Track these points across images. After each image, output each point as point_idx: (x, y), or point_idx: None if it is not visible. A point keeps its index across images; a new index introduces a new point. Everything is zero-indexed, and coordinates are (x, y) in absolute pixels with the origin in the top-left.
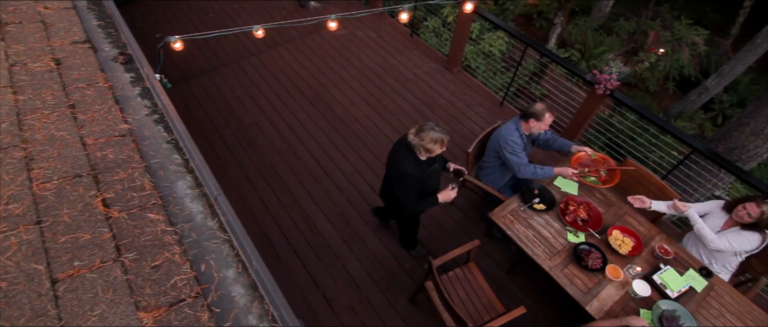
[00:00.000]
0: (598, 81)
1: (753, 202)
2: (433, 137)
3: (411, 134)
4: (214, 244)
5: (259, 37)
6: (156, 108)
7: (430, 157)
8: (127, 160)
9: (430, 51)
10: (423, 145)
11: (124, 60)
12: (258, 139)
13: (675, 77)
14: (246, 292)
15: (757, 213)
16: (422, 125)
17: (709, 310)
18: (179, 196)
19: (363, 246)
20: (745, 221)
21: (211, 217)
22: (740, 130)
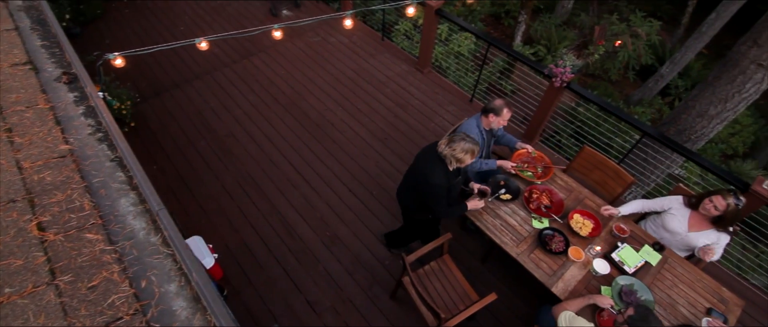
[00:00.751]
0: (554, 74)
1: (719, 195)
2: (465, 147)
3: (442, 144)
4: (157, 260)
5: (202, 49)
6: (100, 126)
7: (457, 169)
8: (66, 182)
9: (401, 53)
10: (454, 156)
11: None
12: (234, 149)
13: (634, 66)
14: (188, 304)
15: (723, 206)
16: (453, 136)
17: (664, 282)
18: (121, 214)
19: (343, 247)
20: (712, 214)
21: (154, 232)
22: (688, 112)
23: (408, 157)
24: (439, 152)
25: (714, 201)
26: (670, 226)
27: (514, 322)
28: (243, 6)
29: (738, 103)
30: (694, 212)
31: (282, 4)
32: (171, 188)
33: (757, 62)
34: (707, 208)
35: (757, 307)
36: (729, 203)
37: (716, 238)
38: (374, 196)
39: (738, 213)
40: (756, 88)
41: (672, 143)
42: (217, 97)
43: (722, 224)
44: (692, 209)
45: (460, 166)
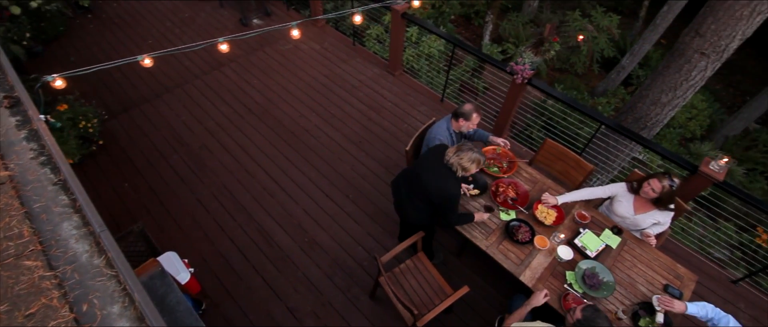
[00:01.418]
0: (515, 72)
1: (655, 178)
2: (472, 157)
3: (450, 153)
4: (100, 282)
5: (147, 66)
6: (43, 150)
7: (464, 176)
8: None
9: (373, 57)
10: (461, 164)
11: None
12: (208, 161)
13: (598, 59)
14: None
15: (659, 188)
16: (461, 146)
17: (624, 263)
18: (63, 238)
19: (321, 251)
20: (650, 197)
21: (97, 254)
22: (642, 101)
23: (382, 158)
24: (447, 160)
25: (651, 184)
26: (618, 211)
27: (490, 312)
28: (213, 17)
29: (686, 90)
30: (637, 196)
31: (252, 14)
32: (144, 205)
33: (700, 51)
34: (646, 191)
35: (714, 280)
36: (664, 185)
37: (662, 217)
38: (351, 200)
39: (672, 193)
40: (701, 76)
41: (627, 131)
42: (188, 110)
43: (662, 204)
44: (635, 194)
45: (465, 174)
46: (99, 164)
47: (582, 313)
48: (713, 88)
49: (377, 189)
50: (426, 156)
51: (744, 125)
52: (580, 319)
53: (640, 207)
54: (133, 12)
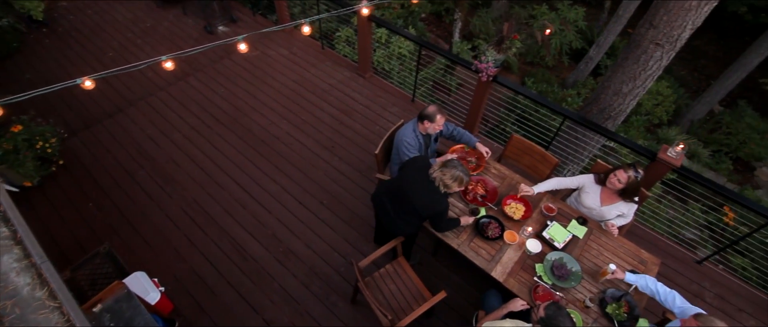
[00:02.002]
0: (480, 70)
1: (621, 170)
2: (454, 175)
3: (435, 167)
4: (42, 315)
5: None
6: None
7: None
8: None
9: (343, 60)
10: (443, 180)
11: None
12: (176, 175)
13: (567, 51)
14: None
15: (625, 178)
16: (448, 162)
17: (591, 252)
18: (3, 272)
19: (297, 260)
20: (617, 188)
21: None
22: (605, 92)
23: (356, 162)
24: (431, 174)
25: (617, 175)
26: (585, 202)
27: (469, 310)
28: (176, 26)
29: (645, 80)
30: (603, 188)
31: (217, 21)
32: (110, 225)
33: (655, 42)
34: (612, 183)
35: (680, 261)
36: (629, 176)
37: (626, 209)
38: (325, 206)
39: (637, 184)
40: (657, 65)
41: (588, 123)
42: (153, 123)
43: (627, 195)
44: (601, 185)
45: (447, 191)
46: (60, 185)
47: (545, 311)
48: (679, 73)
49: (352, 193)
50: (408, 171)
51: (708, 108)
52: (543, 317)
53: (607, 198)
54: (92, 24)
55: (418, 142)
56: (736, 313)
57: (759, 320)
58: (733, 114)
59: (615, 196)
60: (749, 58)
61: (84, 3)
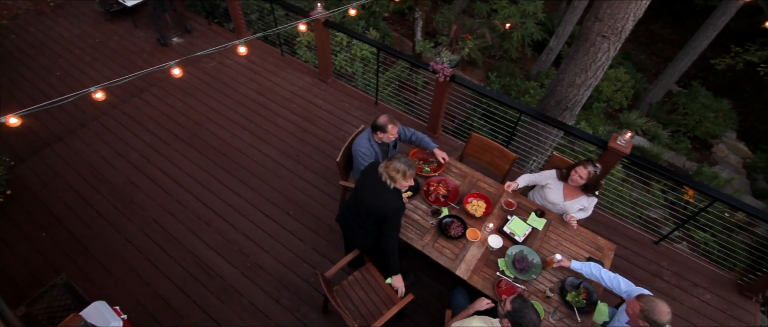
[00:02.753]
0: (436, 71)
1: (581, 166)
2: (396, 166)
3: (382, 166)
4: None
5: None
6: None
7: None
8: None
9: (304, 66)
10: (389, 174)
11: None
12: (135, 197)
13: (529, 43)
14: None
15: (585, 174)
16: (391, 157)
17: (550, 242)
18: None
19: (265, 274)
20: (579, 184)
21: None
22: (560, 84)
23: (321, 169)
24: (379, 173)
25: (578, 171)
26: (549, 197)
27: (441, 309)
28: (127, 40)
29: (596, 71)
30: (566, 184)
31: (171, 32)
32: (67, 254)
33: (601, 34)
34: (574, 179)
35: (638, 243)
36: (589, 171)
37: (587, 202)
38: (292, 216)
39: (597, 178)
40: (606, 56)
41: (544, 117)
42: (108, 144)
43: (589, 190)
44: (564, 181)
45: (395, 185)
46: (9, 216)
47: (511, 305)
48: (638, 58)
49: (318, 201)
50: (362, 178)
51: (664, 91)
52: (510, 311)
53: (570, 194)
54: (36, 43)
55: (374, 152)
56: (693, 288)
57: (714, 293)
58: (688, 95)
59: (577, 191)
60: (698, 41)
61: (26, 21)
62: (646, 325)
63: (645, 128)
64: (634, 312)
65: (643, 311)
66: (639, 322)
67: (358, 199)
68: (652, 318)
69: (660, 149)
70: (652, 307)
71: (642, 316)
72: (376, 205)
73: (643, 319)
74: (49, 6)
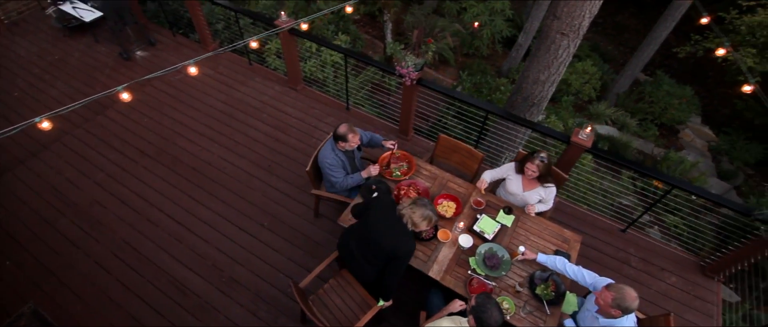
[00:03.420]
0: (402, 75)
1: (528, 160)
2: (424, 214)
3: (405, 203)
4: None
5: None
6: None
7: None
8: None
9: (273, 75)
10: (412, 219)
11: None
12: (103, 218)
13: (499, 40)
14: None
15: (535, 167)
16: (417, 200)
17: (519, 238)
18: None
19: (241, 288)
20: (533, 175)
21: None
22: (525, 81)
23: (294, 178)
24: (399, 211)
25: (529, 167)
26: (510, 189)
27: (416, 306)
28: (88, 55)
29: (558, 67)
30: (523, 176)
31: (134, 46)
32: (34, 282)
33: (560, 32)
34: (528, 173)
35: (606, 232)
36: (537, 164)
37: (544, 193)
38: (266, 227)
39: (547, 167)
40: (567, 53)
41: (508, 115)
42: (72, 165)
43: (543, 179)
44: (521, 174)
45: (415, 229)
46: None
47: (475, 300)
48: (606, 49)
49: (293, 211)
50: (374, 211)
51: (631, 80)
52: (474, 306)
53: (528, 185)
54: None
55: (340, 160)
56: (659, 273)
57: (679, 276)
58: (654, 83)
59: (534, 181)
60: (659, 31)
61: None
62: (618, 312)
63: (614, 118)
64: (605, 302)
65: (615, 300)
66: (610, 311)
67: (370, 236)
68: (623, 305)
69: (629, 137)
70: (622, 295)
71: (614, 304)
72: (392, 246)
73: (615, 307)
74: (4, 24)
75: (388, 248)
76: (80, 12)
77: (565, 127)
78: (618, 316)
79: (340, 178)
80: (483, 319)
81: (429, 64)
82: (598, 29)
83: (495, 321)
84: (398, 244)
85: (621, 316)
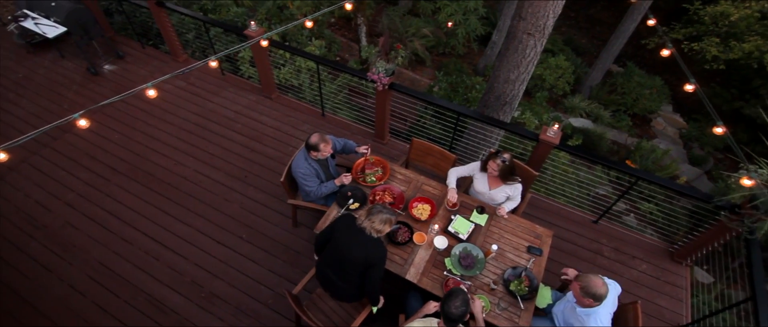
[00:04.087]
0: (374, 81)
1: (490, 160)
2: (383, 218)
3: (361, 217)
4: None
5: None
6: None
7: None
8: None
9: (246, 84)
10: (374, 227)
11: None
12: (75, 240)
13: (474, 38)
14: None
15: (495, 167)
16: (371, 209)
17: (492, 236)
18: None
19: (222, 303)
20: (496, 175)
21: None
22: (496, 81)
23: (272, 188)
24: (359, 225)
25: (490, 166)
26: (477, 188)
27: (396, 310)
28: (54, 72)
29: (527, 66)
30: (489, 174)
31: (101, 60)
32: (5, 309)
33: (527, 32)
34: (491, 172)
35: (579, 224)
36: (498, 163)
37: (511, 191)
38: (245, 240)
39: (509, 167)
40: (534, 52)
41: (483, 117)
42: (40, 186)
43: (506, 178)
44: (485, 172)
45: (379, 235)
46: None
47: (443, 295)
48: (579, 42)
49: (271, 221)
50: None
51: (602, 73)
52: (442, 299)
53: (493, 183)
54: None
55: (313, 169)
56: (631, 261)
57: (649, 262)
58: (625, 75)
59: (499, 179)
60: (627, 25)
61: None
62: (590, 301)
63: (588, 110)
64: (576, 293)
65: (583, 289)
66: (584, 301)
67: (341, 255)
68: (591, 293)
69: (603, 129)
70: (587, 283)
71: (583, 293)
72: (364, 256)
73: (585, 296)
74: None
75: (361, 259)
76: (43, 28)
77: (540, 122)
78: (591, 305)
79: (314, 187)
80: (445, 311)
81: (405, 65)
82: (572, 23)
83: (456, 309)
84: (369, 252)
85: (595, 305)
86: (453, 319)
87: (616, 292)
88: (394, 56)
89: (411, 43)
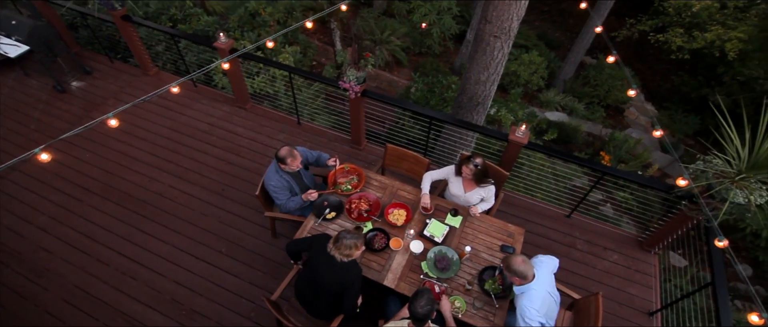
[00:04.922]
0: (346, 89)
1: (463, 164)
2: (348, 244)
3: (331, 248)
4: None
5: None
6: None
7: None
8: None
9: (219, 95)
10: (343, 254)
11: None
12: (49, 264)
13: (449, 37)
14: None
15: (469, 171)
16: (337, 237)
17: (467, 238)
18: None
19: (203, 319)
20: (470, 178)
21: None
22: (468, 82)
23: (249, 200)
24: (329, 253)
25: (464, 170)
26: (452, 191)
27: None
28: (19, 91)
29: (496, 66)
30: (463, 177)
31: (68, 77)
32: None
33: (493, 35)
34: (466, 175)
35: (552, 219)
36: (471, 168)
37: (485, 193)
38: (224, 254)
39: (481, 171)
40: (501, 53)
41: (454, 120)
42: (10, 211)
43: (480, 181)
44: (460, 176)
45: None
46: None
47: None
48: (553, 36)
49: (250, 234)
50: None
51: (575, 66)
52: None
53: (468, 186)
54: None
55: (285, 182)
56: (603, 252)
57: (620, 253)
58: (597, 67)
59: (473, 183)
60: (594, 20)
61: None
62: (517, 279)
63: (563, 103)
64: (507, 273)
65: (507, 269)
66: (514, 280)
67: (316, 280)
68: (511, 270)
69: (578, 121)
70: (508, 262)
71: (509, 273)
72: (339, 281)
73: (511, 275)
74: None
75: (336, 285)
76: (4, 48)
77: (516, 119)
78: (521, 283)
79: (284, 200)
80: (411, 310)
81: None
82: (545, 17)
83: (421, 308)
84: (343, 278)
85: (525, 283)
86: (419, 318)
87: (550, 267)
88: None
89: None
